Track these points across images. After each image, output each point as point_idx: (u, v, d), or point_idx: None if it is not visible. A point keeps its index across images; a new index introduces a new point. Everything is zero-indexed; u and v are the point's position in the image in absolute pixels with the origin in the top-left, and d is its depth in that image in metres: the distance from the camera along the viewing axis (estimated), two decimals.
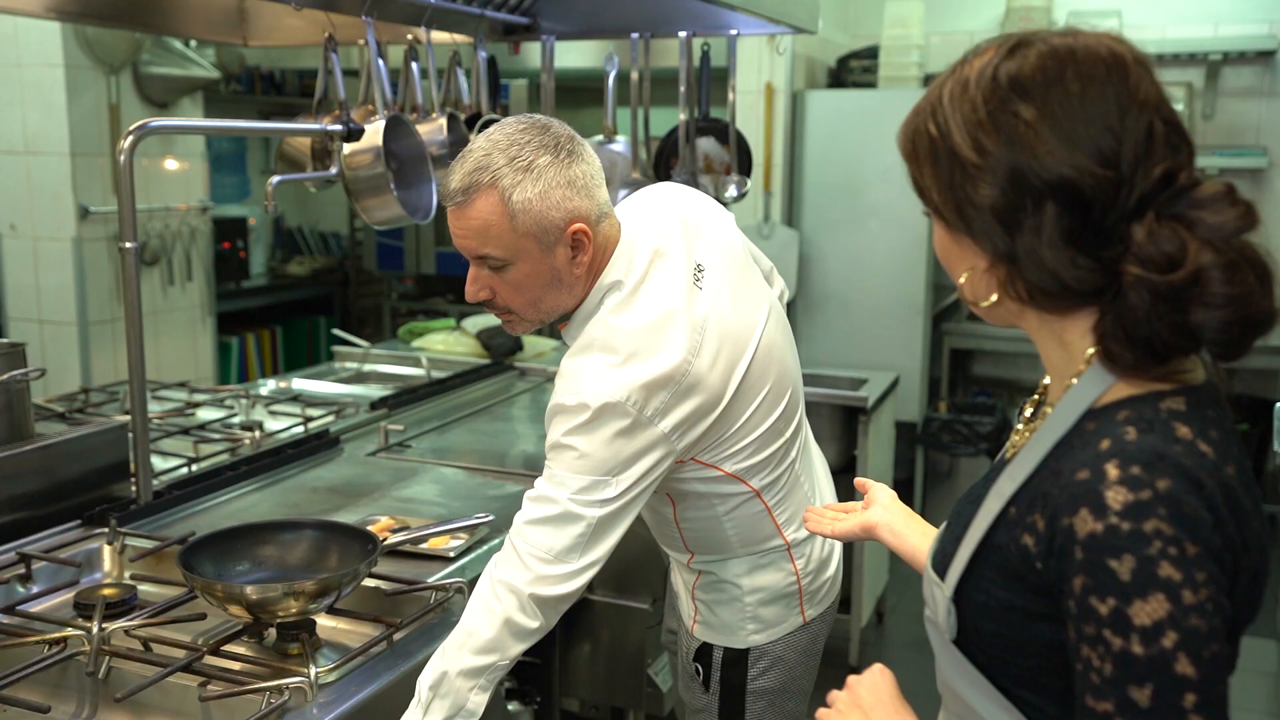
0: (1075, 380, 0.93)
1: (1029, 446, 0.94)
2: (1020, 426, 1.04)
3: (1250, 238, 0.86)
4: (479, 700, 1.41)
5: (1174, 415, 0.87)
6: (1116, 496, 0.82)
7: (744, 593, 1.73)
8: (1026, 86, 0.88)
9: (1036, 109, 0.87)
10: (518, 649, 1.44)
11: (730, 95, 3.09)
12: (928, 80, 4.83)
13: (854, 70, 4.95)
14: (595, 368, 1.48)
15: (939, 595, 0.98)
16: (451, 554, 1.86)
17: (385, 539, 1.67)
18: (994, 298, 0.95)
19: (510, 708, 2.24)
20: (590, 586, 2.24)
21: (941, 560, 1.00)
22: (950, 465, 5.10)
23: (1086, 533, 0.83)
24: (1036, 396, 1.06)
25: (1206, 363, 0.96)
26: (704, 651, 1.77)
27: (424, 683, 1.40)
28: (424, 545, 1.86)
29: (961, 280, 0.97)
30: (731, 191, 3.13)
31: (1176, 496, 0.82)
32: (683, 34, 2.93)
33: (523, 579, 1.44)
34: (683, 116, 3.02)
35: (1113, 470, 0.83)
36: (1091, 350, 0.92)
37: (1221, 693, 0.82)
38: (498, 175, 1.45)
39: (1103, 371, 0.91)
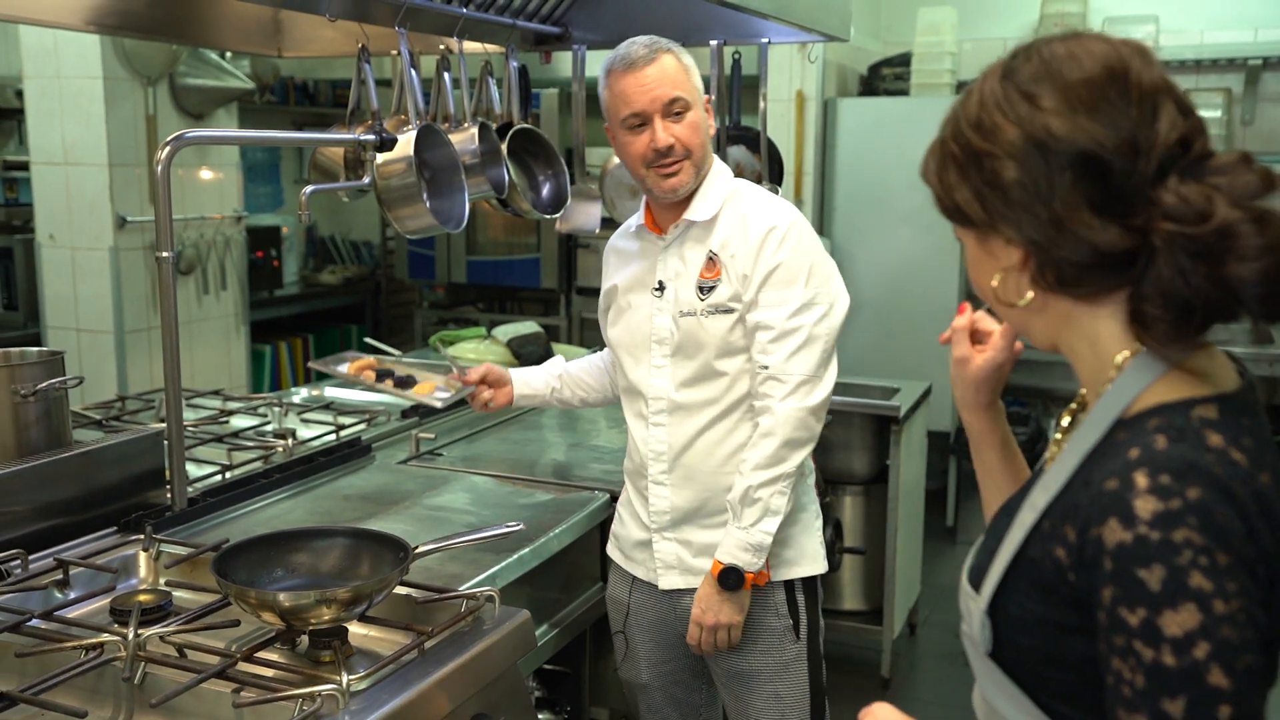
0: (1108, 388, 0.92)
1: (1062, 458, 0.94)
2: (1058, 437, 1.03)
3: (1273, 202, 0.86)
4: (780, 502, 1.85)
5: (1206, 423, 0.86)
6: (1146, 506, 0.81)
7: (813, 507, 2.02)
8: (1034, 80, 0.91)
9: (1047, 95, 0.90)
10: (800, 455, 1.87)
11: (761, 103, 3.09)
12: (960, 87, 4.80)
13: (886, 78, 4.93)
14: (767, 195, 1.98)
15: (974, 609, 0.97)
16: (438, 404, 2.26)
17: (365, 376, 2.28)
18: (1029, 295, 0.95)
19: (541, 717, 2.24)
20: None
21: (977, 573, 0.99)
22: None
23: (1115, 543, 0.82)
24: (1074, 406, 1.05)
25: (1244, 371, 0.94)
26: (790, 593, 1.96)
27: (732, 498, 1.86)
28: (410, 391, 2.28)
29: (994, 283, 0.97)
30: None
31: (1207, 506, 0.80)
32: (714, 42, 2.92)
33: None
34: (714, 125, 3.01)
35: (1142, 479, 0.82)
36: (1123, 355, 0.92)
37: (1257, 706, 0.80)
38: (671, 44, 1.92)
39: (1133, 377, 0.91)
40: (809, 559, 1.99)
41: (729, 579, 1.87)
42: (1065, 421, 1.04)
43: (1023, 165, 0.90)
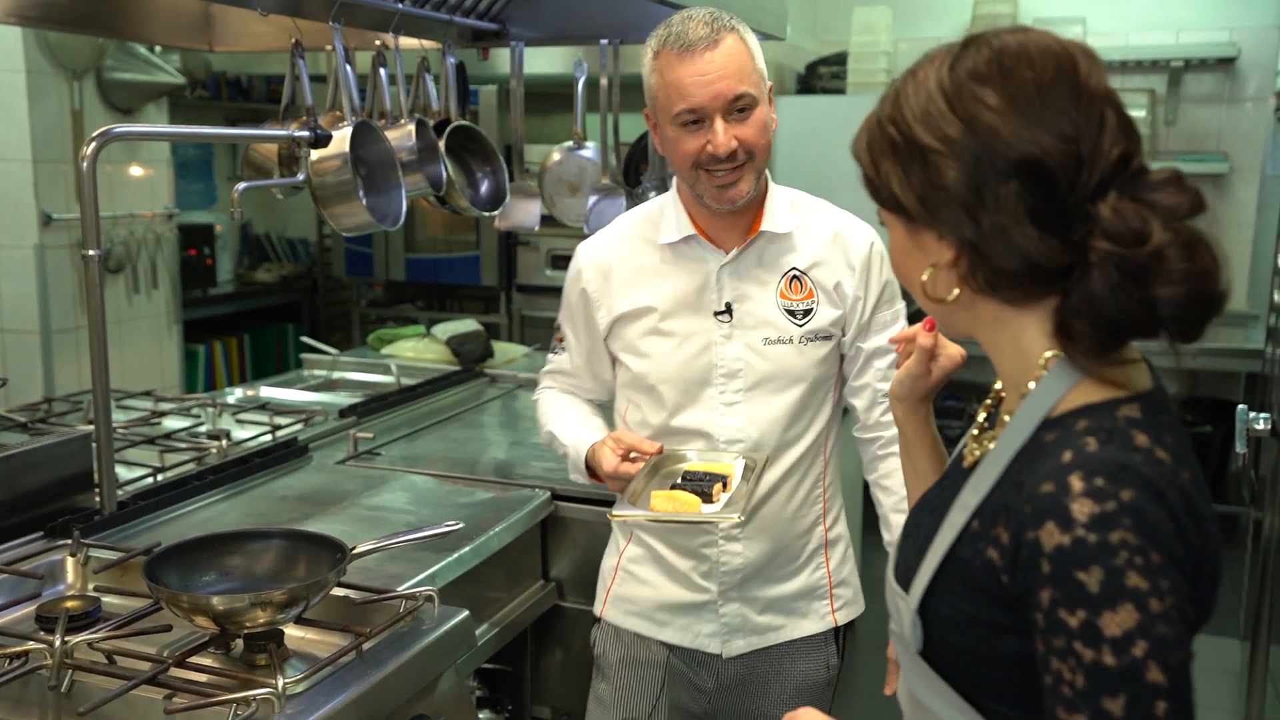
0: (1032, 386, 0.93)
1: (991, 457, 0.94)
2: (975, 433, 1.04)
3: (1198, 223, 0.87)
4: None
5: (1131, 423, 0.88)
6: (1082, 509, 0.82)
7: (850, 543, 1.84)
8: (983, 76, 0.89)
9: (995, 94, 0.88)
10: None
11: None
12: None
13: (823, 76, 4.98)
14: (826, 203, 1.79)
15: (903, 608, 0.98)
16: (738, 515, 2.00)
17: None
18: (955, 292, 0.94)
19: (482, 716, 2.24)
20: (561, 593, 2.25)
21: (904, 572, 1.00)
22: None
23: (1053, 546, 0.83)
24: (989, 401, 1.06)
25: (1152, 367, 0.97)
26: (839, 640, 1.82)
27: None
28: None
29: (923, 278, 0.96)
30: None
31: (1140, 506, 0.82)
32: None
33: None
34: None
35: (1077, 482, 0.83)
36: (1048, 354, 0.92)
37: (1189, 697, 0.82)
38: (734, 19, 1.59)
39: (1058, 377, 0.91)
40: (858, 594, 1.86)
41: None
42: (981, 417, 1.05)
43: (966, 167, 0.88)
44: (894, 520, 1.75)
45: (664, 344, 1.70)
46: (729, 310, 1.68)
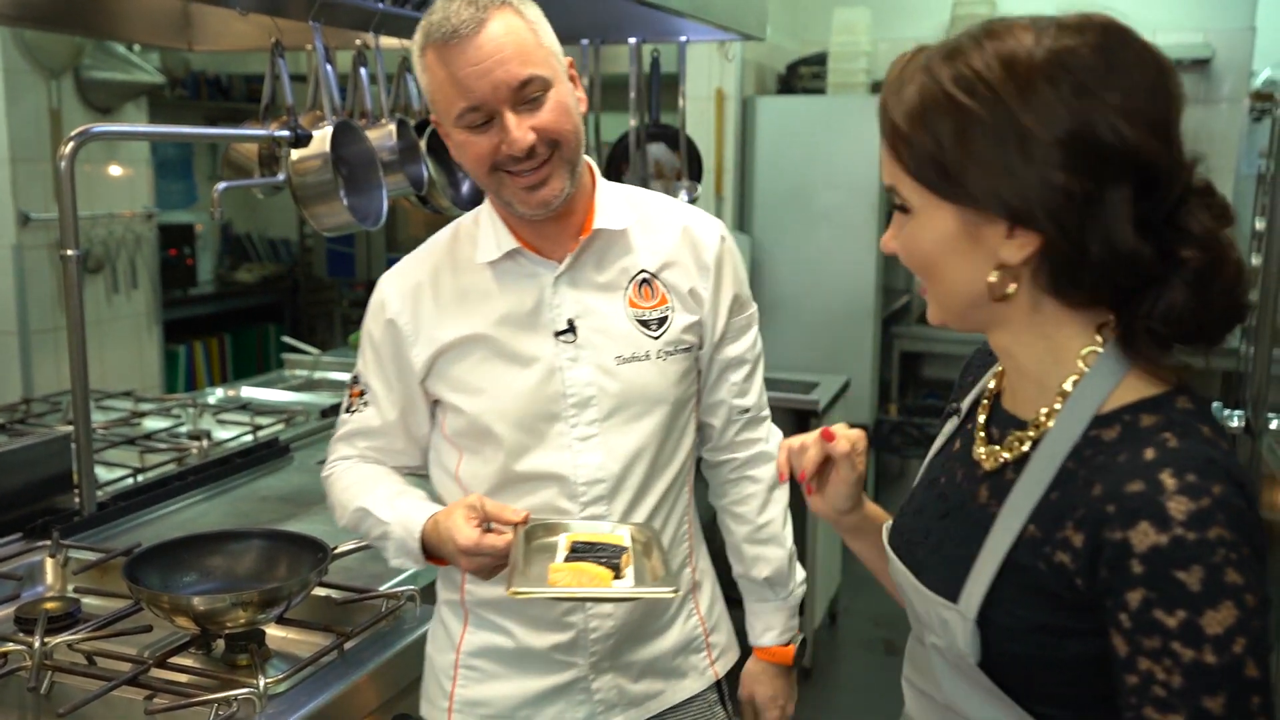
0: (1069, 385, 0.91)
1: (1038, 459, 0.90)
2: (982, 435, 1.00)
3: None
4: None
5: (1191, 415, 0.87)
6: (1179, 507, 0.80)
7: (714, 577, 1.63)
8: (1094, 69, 0.84)
9: (1110, 89, 0.84)
10: None
11: (680, 101, 3.11)
12: (876, 86, 4.89)
13: (803, 76, 5.00)
14: (664, 195, 1.56)
15: (955, 620, 0.93)
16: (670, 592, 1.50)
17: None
18: (1012, 288, 0.90)
19: None
20: None
21: (942, 583, 0.95)
22: (901, 467, 5.17)
23: (1148, 546, 0.80)
24: (986, 402, 1.02)
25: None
26: (721, 692, 1.59)
27: (780, 562, 1.59)
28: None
29: (992, 279, 0.90)
30: (682, 196, 3.15)
31: (1229, 500, 0.81)
32: (632, 40, 2.94)
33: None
34: (633, 123, 3.03)
35: (1169, 480, 0.81)
36: (1088, 349, 0.91)
37: (1270, 689, 0.82)
38: None
39: (1102, 373, 0.89)
40: (732, 639, 1.63)
41: (802, 654, 1.61)
42: (982, 419, 1.01)
43: (1077, 162, 0.84)
44: (747, 551, 1.57)
45: (500, 376, 1.41)
46: (572, 328, 1.40)
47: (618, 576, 1.25)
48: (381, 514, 1.41)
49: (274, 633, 1.58)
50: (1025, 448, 0.93)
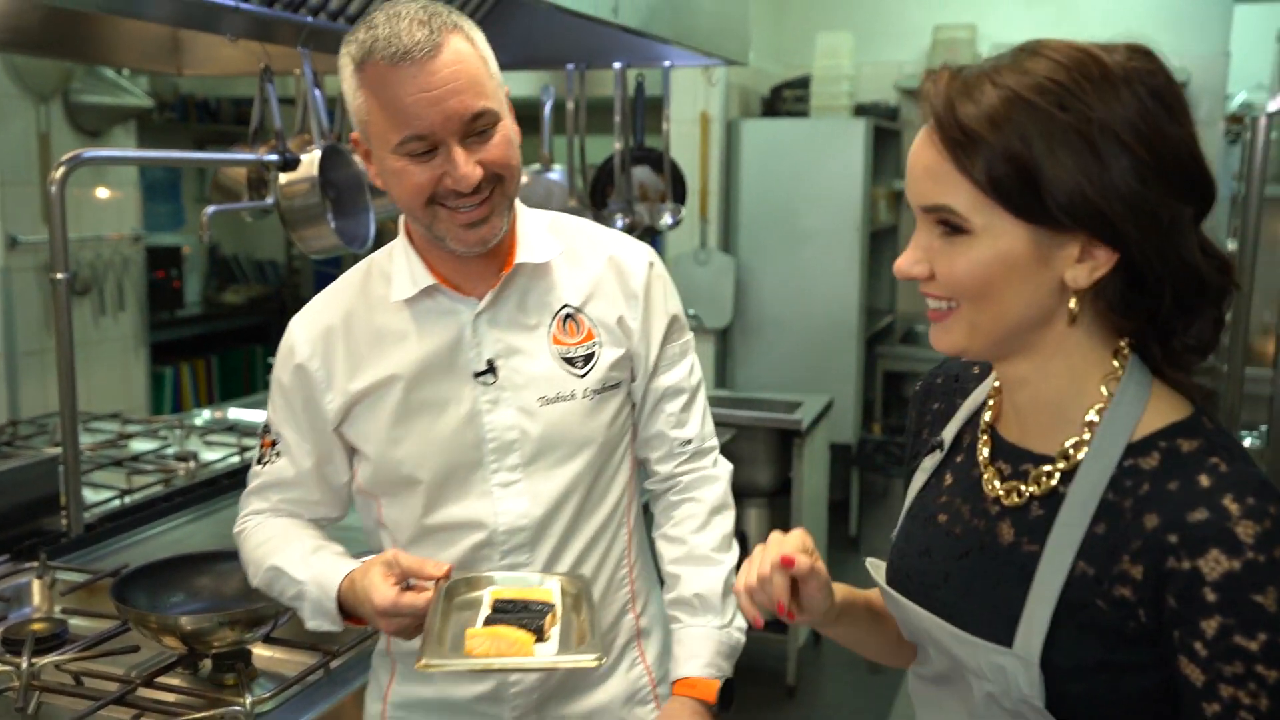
0: (1094, 415, 0.91)
1: (1075, 494, 0.89)
2: (991, 466, 0.98)
3: None
4: None
5: (1225, 437, 0.89)
6: (1247, 531, 0.81)
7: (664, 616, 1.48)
8: (1167, 93, 0.87)
9: (1184, 112, 0.87)
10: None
11: (665, 125, 3.15)
12: (858, 109, 4.95)
13: (787, 99, 5.06)
14: (589, 221, 1.48)
15: (1013, 665, 0.90)
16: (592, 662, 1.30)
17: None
18: (1074, 307, 0.89)
19: None
20: None
21: (993, 629, 0.92)
22: (885, 486, 5.19)
23: (1221, 573, 0.81)
24: (985, 437, 1.00)
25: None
26: None
27: (708, 591, 1.41)
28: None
29: (1071, 306, 0.89)
30: (666, 219, 3.19)
31: None
32: (617, 65, 2.98)
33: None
34: (618, 146, 3.07)
35: (1232, 505, 0.82)
36: (1108, 375, 0.91)
37: None
38: (454, 12, 1.24)
39: (1126, 402, 0.90)
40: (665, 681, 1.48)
41: (727, 697, 1.38)
42: (986, 452, 0.99)
43: (1166, 179, 0.85)
44: (674, 570, 1.43)
45: (417, 422, 1.34)
46: (492, 369, 1.33)
47: (541, 639, 1.17)
48: (295, 573, 1.32)
49: (260, 652, 1.59)
50: (1054, 482, 0.92)
